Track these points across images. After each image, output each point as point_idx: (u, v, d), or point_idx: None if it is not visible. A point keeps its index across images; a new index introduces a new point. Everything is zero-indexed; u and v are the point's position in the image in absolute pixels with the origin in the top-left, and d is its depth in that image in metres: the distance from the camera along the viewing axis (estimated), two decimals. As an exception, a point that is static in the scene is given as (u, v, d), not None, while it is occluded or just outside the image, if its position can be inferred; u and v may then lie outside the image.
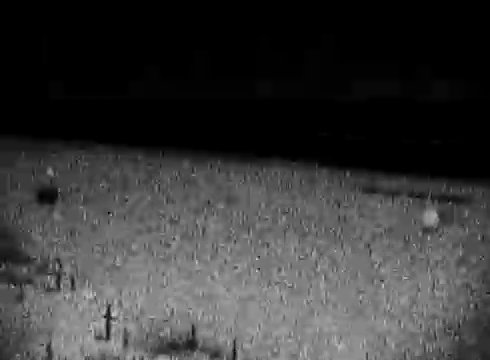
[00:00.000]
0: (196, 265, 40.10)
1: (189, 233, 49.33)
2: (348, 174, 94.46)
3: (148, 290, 35.07)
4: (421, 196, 70.61)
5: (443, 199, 68.19)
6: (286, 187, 76.97)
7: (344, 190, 75.12)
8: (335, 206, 63.09)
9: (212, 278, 37.32)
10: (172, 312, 31.63)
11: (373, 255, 43.12)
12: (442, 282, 37.02)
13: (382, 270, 39.49)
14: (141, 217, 55.80)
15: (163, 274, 38.07)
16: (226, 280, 37.08)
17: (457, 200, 67.11)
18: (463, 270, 39.61)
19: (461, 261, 41.74)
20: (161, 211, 58.88)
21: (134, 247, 44.65)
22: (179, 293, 34.52)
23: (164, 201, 64.64)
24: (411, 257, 42.63)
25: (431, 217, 51.59)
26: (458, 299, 34.01)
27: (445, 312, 31.79)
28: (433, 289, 35.63)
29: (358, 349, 26.99)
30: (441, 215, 54.91)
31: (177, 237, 47.94)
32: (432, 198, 69.01)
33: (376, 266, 40.34)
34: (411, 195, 71.54)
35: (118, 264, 40.19)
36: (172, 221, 54.05)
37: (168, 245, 45.35)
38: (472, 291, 35.44)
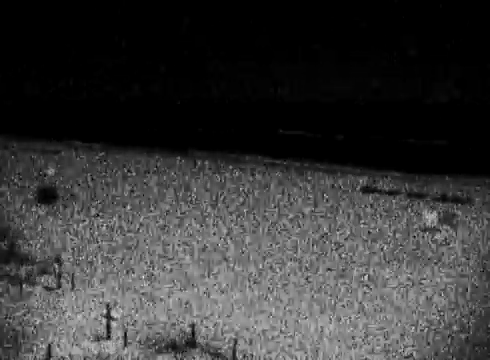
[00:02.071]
0: (196, 265, 40.03)
1: (189, 234, 49.33)
2: (348, 174, 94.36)
3: (148, 290, 35.07)
4: (421, 196, 70.76)
5: (443, 199, 68.32)
6: (286, 187, 76.91)
7: (344, 190, 75.17)
8: (335, 206, 63.11)
9: (212, 279, 37.28)
10: (172, 312, 31.64)
11: (373, 254, 43.10)
12: (442, 281, 36.97)
13: (382, 269, 39.44)
14: (141, 217, 55.80)
15: (163, 274, 38.04)
16: (226, 281, 37.07)
17: (457, 200, 67.23)
18: (463, 269, 39.56)
19: (461, 260, 41.71)
20: (161, 211, 58.90)
21: (134, 247, 44.66)
22: (179, 293, 34.50)
23: (164, 201, 64.65)
24: (411, 256, 42.61)
25: (431, 217, 51.58)
26: (458, 297, 33.98)
27: (445, 310, 31.76)
28: (433, 288, 35.59)
29: (360, 349, 26.93)
30: (441, 215, 54.91)
31: (177, 238, 47.94)
32: (432, 198, 69.09)
33: (376, 265, 40.30)
34: (411, 195, 71.71)
35: (118, 264, 40.17)
36: (172, 221, 54.04)
37: (168, 245, 45.35)
38: (472, 289, 35.42)
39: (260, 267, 39.54)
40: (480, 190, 76.20)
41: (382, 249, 44.58)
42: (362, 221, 54.99)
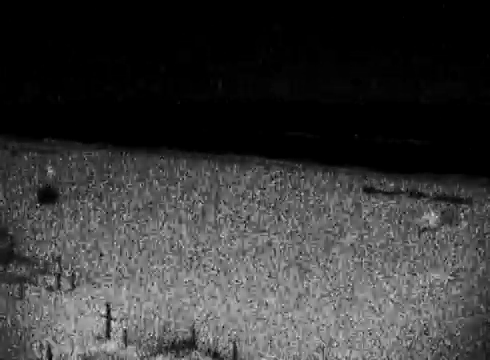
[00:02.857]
0: (196, 265, 40.03)
1: (188, 234, 49.32)
2: (348, 174, 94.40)
3: (148, 290, 35.06)
4: (421, 196, 70.74)
5: (443, 199, 68.29)
6: (287, 187, 76.91)
7: (344, 190, 75.15)
8: (335, 206, 63.10)
9: (212, 279, 37.27)
10: (172, 312, 31.63)
11: (373, 254, 43.10)
12: (441, 281, 36.98)
13: (382, 269, 39.44)
14: (141, 217, 55.78)
15: (163, 275, 38.03)
16: (227, 281, 37.06)
17: (457, 200, 67.20)
18: (463, 269, 39.56)
19: (461, 260, 41.70)
20: (161, 211, 58.89)
21: (134, 247, 44.65)
22: (179, 293, 34.50)
23: (163, 201, 64.63)
24: (411, 256, 42.60)
25: (431, 217, 51.59)
26: (457, 297, 33.98)
27: (444, 310, 31.76)
28: (433, 288, 35.59)
29: (358, 348, 26.93)
30: (441, 215, 54.91)
31: (177, 238, 47.94)
32: (432, 198, 69.08)
33: (376, 265, 40.30)
34: (411, 195, 71.69)
35: (118, 264, 40.16)
36: (172, 221, 54.04)
37: (168, 246, 45.34)
38: (471, 289, 35.41)
39: (260, 267, 39.54)
40: (480, 190, 76.21)
41: (381, 249, 44.58)
42: (362, 221, 55.00)
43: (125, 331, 26.64)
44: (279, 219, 55.36)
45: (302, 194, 70.84)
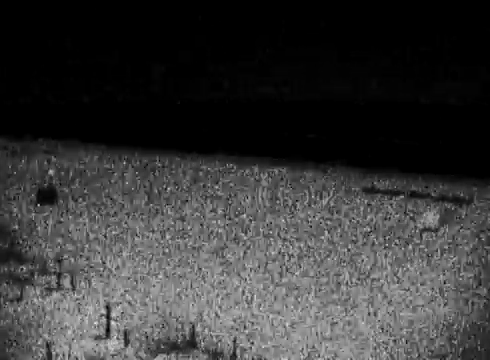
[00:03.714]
0: (196, 265, 40.05)
1: (188, 234, 49.35)
2: (348, 174, 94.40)
3: (148, 290, 35.07)
4: (421, 196, 70.78)
5: (443, 199, 68.35)
6: (287, 187, 76.92)
7: (344, 190, 75.19)
8: (335, 206, 63.14)
9: (212, 279, 37.28)
10: (172, 312, 31.65)
11: (373, 254, 43.12)
12: (441, 281, 36.99)
13: (382, 269, 39.47)
14: (140, 217, 55.81)
15: (163, 274, 38.05)
16: (226, 281, 37.08)
17: (457, 200, 67.25)
18: (462, 269, 39.57)
19: (460, 260, 41.72)
20: (160, 212, 58.91)
21: (134, 247, 44.68)
22: (179, 293, 34.51)
23: (163, 201, 64.67)
24: (411, 257, 42.63)
25: (431, 217, 51.60)
26: (457, 297, 34.00)
27: (443, 310, 31.77)
28: (432, 288, 35.61)
29: (357, 348, 26.93)
30: (441, 215, 54.94)
31: (177, 238, 47.96)
32: (432, 198, 69.12)
33: (376, 265, 40.32)
34: (411, 195, 71.73)
35: (118, 264, 40.18)
36: (171, 222, 54.07)
37: (168, 246, 45.35)
38: (471, 289, 35.43)
39: (259, 266, 39.56)
40: (480, 190, 76.23)
41: (382, 249, 44.61)
42: (362, 221, 55.01)
43: (125, 331, 26.65)
44: (279, 219, 55.38)
45: (302, 194, 70.87)
